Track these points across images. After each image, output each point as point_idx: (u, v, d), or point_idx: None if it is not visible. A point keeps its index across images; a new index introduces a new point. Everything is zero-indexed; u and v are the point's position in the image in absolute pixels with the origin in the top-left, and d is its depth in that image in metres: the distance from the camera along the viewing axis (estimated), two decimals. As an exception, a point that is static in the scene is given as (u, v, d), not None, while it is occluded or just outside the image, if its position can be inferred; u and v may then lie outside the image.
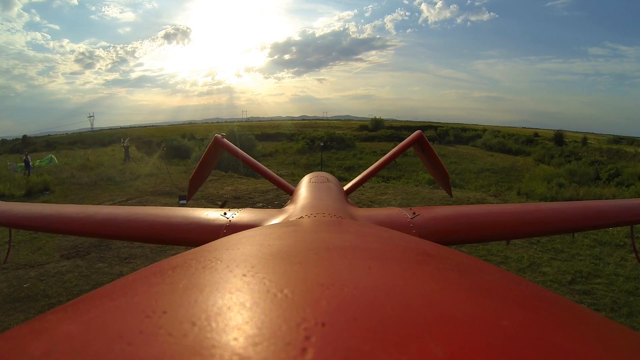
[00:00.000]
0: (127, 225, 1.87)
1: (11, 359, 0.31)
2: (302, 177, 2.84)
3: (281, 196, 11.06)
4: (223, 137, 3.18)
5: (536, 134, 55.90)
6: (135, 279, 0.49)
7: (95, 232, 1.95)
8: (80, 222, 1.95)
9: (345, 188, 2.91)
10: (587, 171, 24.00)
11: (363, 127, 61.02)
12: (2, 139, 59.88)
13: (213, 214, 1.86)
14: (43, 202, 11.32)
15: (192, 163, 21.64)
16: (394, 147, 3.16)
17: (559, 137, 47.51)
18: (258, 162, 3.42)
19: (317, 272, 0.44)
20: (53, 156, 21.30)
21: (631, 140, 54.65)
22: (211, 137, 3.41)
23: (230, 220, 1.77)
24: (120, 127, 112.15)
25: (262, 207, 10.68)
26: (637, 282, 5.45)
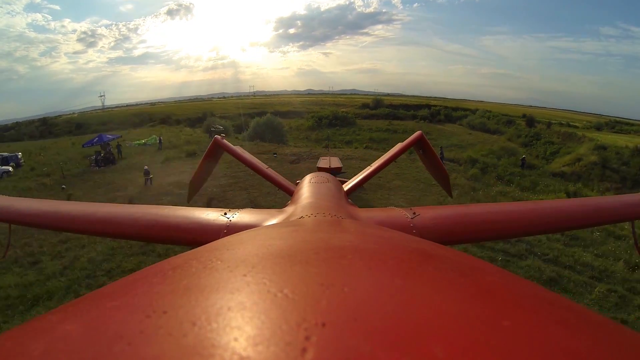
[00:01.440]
0: (127, 224, 1.89)
1: (11, 359, 0.31)
2: (303, 178, 2.87)
3: (314, 156, 18.99)
4: (223, 138, 3.31)
5: (524, 115, 60.43)
6: (135, 279, 0.50)
7: (95, 231, 1.96)
8: (79, 219, 1.95)
9: (345, 188, 2.95)
10: (510, 147, 33.85)
11: (365, 106, 67.43)
12: (16, 121, 61.83)
13: (213, 214, 1.85)
14: (196, 162, 19.87)
15: (244, 138, 29.11)
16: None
17: (530, 120, 54.47)
18: (258, 163, 3.51)
19: (318, 272, 0.44)
20: (156, 136, 29.35)
21: (613, 125, 60.89)
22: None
23: (230, 220, 1.76)
24: (127, 105, 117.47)
25: (309, 160, 18.76)
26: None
